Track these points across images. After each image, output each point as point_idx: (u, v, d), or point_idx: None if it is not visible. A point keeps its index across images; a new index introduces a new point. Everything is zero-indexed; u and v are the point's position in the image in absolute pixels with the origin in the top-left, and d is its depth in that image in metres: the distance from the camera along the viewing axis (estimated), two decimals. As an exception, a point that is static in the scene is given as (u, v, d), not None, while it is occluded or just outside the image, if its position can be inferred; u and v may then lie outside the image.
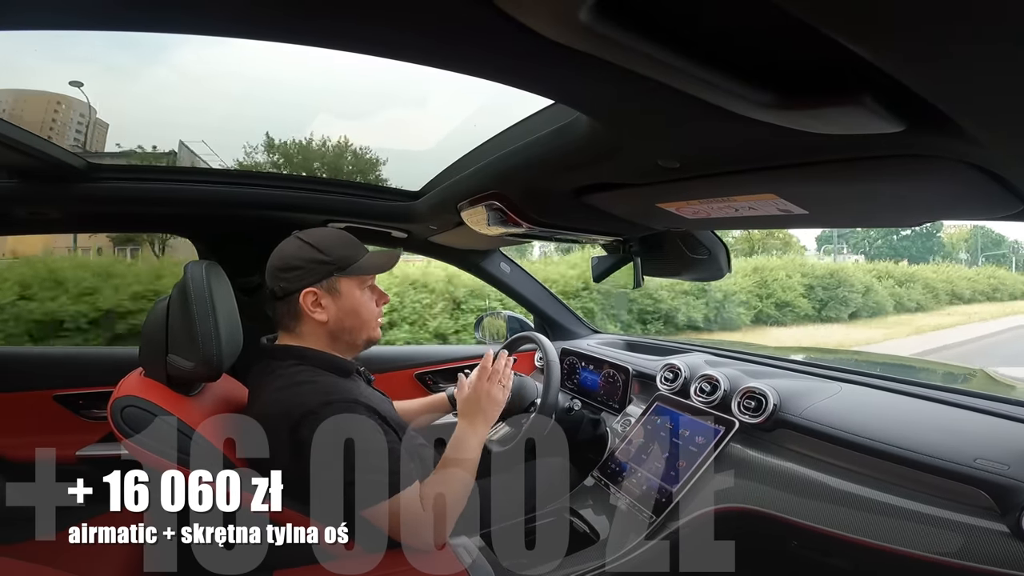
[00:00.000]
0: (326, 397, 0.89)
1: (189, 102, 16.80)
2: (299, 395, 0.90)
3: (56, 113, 12.02)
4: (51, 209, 1.34)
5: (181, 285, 0.94)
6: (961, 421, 0.97)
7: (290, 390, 0.91)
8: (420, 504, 0.91)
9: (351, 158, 11.72)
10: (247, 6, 0.45)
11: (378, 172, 11.83)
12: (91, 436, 1.45)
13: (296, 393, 0.90)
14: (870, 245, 43.48)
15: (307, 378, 0.93)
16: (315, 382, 0.92)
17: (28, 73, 11.45)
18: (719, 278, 1.41)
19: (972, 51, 0.32)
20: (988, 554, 0.73)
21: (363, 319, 1.01)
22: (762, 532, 1.00)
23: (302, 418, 0.87)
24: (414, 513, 0.91)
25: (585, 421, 1.41)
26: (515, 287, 1.93)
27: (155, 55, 22.64)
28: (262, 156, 10.64)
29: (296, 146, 11.11)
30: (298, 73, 19.55)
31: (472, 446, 1.02)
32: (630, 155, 0.77)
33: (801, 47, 0.41)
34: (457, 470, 0.99)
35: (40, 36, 5.53)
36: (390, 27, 0.48)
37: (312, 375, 0.94)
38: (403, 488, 0.89)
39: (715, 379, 1.22)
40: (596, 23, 0.36)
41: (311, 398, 0.89)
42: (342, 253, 0.99)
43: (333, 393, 0.91)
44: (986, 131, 0.47)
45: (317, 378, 0.94)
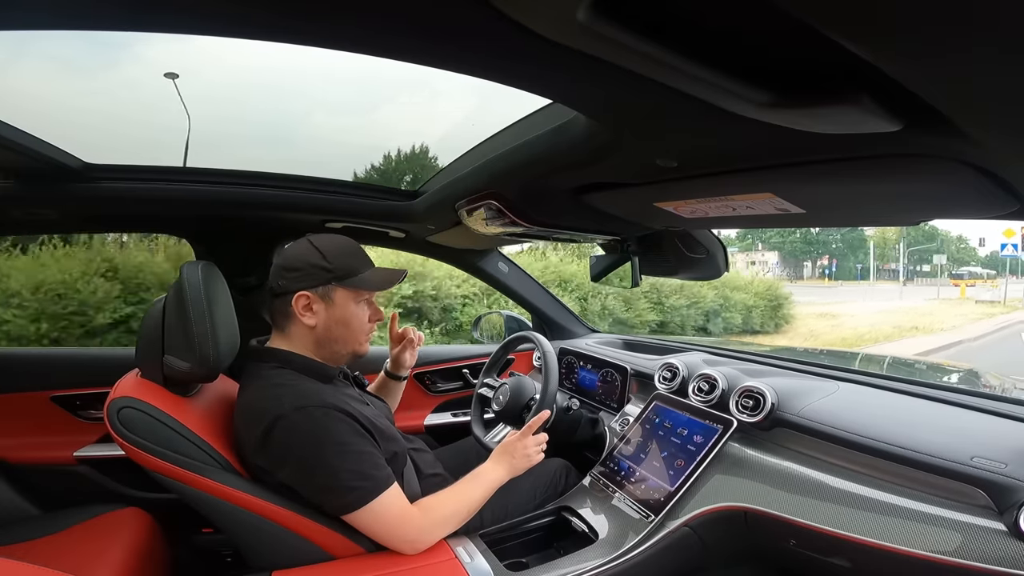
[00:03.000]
0: (299, 402, 0.89)
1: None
2: (274, 398, 0.90)
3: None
4: (47, 210, 1.33)
5: (177, 286, 0.94)
6: (959, 420, 0.98)
7: (266, 392, 0.92)
8: (401, 507, 0.92)
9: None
10: (246, 6, 0.45)
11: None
12: (89, 437, 1.45)
13: (271, 396, 0.91)
14: (783, 240, 42.48)
15: (285, 381, 0.93)
16: (292, 386, 0.92)
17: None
18: (717, 277, 1.41)
19: (970, 51, 0.32)
20: (985, 552, 0.73)
21: (351, 331, 1.01)
22: (760, 531, 1.00)
23: (275, 420, 0.87)
24: (395, 515, 0.91)
25: (584, 421, 1.41)
26: (513, 287, 1.93)
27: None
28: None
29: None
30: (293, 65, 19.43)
31: (488, 481, 1.05)
32: (628, 154, 0.77)
33: (799, 46, 0.41)
34: (467, 488, 1.02)
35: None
36: (388, 27, 0.48)
37: (291, 379, 0.94)
38: (380, 493, 0.89)
39: (713, 378, 1.22)
40: (593, 22, 0.36)
41: (285, 401, 0.89)
42: (345, 263, 0.98)
43: (307, 398, 0.90)
44: (983, 130, 0.47)
45: (295, 382, 0.93)
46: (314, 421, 0.88)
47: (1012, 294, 20.33)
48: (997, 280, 37.57)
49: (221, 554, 1.41)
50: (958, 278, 35.34)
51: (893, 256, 39.76)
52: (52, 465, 1.41)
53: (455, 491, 1.02)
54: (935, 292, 22.59)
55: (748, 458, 1.07)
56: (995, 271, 42.14)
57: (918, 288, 29.41)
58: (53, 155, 1.07)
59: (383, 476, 0.91)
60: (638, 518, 1.08)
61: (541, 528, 1.16)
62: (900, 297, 20.42)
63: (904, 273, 38.33)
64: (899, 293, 22.60)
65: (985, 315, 14.02)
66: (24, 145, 0.97)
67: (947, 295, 21.34)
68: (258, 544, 0.92)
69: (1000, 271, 41.36)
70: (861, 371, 1.30)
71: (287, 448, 0.87)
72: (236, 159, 15.12)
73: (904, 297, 20.47)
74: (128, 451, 0.87)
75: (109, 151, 12.25)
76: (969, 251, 52.87)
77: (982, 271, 41.49)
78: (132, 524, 1.17)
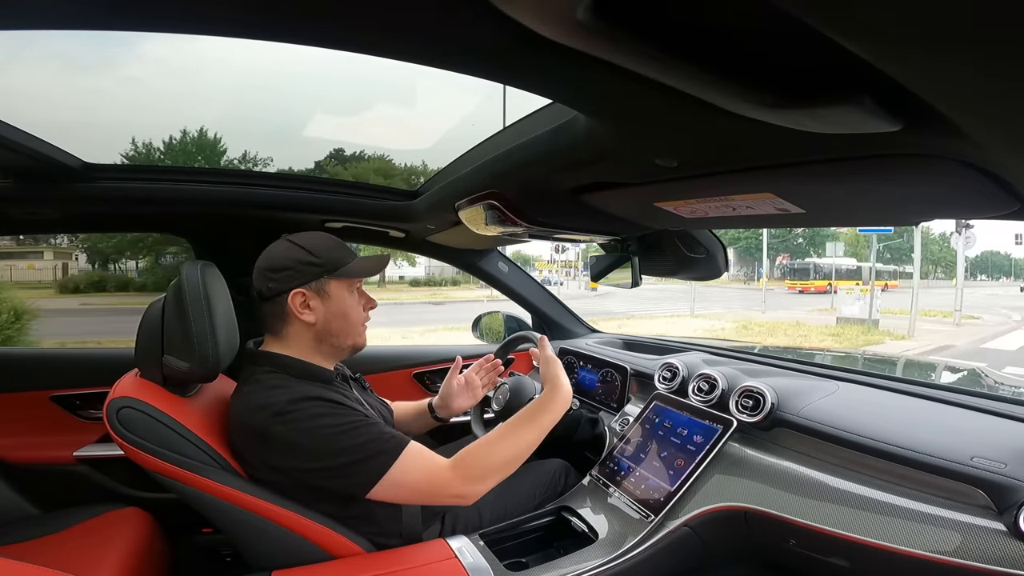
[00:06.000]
0: (295, 395, 0.89)
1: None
2: (269, 397, 0.89)
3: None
4: (47, 210, 1.33)
5: (176, 286, 0.94)
6: (958, 419, 0.98)
7: (260, 394, 0.91)
8: (432, 461, 0.91)
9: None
10: (246, 6, 0.45)
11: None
12: (88, 436, 1.45)
13: (266, 396, 0.90)
14: (738, 234, 37.01)
15: (280, 383, 0.92)
16: (287, 387, 0.92)
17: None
18: (716, 277, 1.41)
19: (971, 51, 0.32)
20: (985, 552, 0.73)
21: (350, 322, 1.01)
22: (760, 531, 1.00)
23: (272, 419, 0.87)
24: (426, 470, 0.90)
25: (583, 420, 1.41)
26: (513, 287, 1.93)
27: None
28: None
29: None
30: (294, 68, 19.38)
31: (547, 423, 0.99)
32: (628, 154, 0.76)
33: (799, 46, 0.41)
34: (525, 429, 0.97)
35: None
36: (387, 26, 0.48)
37: (286, 381, 0.93)
38: (399, 454, 0.88)
39: (713, 378, 1.22)
40: (593, 22, 0.36)
41: (279, 398, 0.89)
42: (332, 256, 0.98)
43: (301, 394, 0.90)
44: (983, 131, 0.47)
45: (290, 384, 0.93)
46: (310, 411, 0.87)
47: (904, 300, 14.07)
48: (897, 280, 28.52)
49: (221, 554, 1.41)
50: (798, 277, 24.95)
51: (866, 255, 31.66)
52: (52, 465, 1.41)
53: (516, 437, 0.96)
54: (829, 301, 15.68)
55: (748, 458, 1.07)
56: (896, 266, 33.17)
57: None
58: (53, 155, 1.07)
59: (397, 439, 0.90)
60: (638, 518, 1.08)
61: (541, 528, 1.16)
62: (763, 303, 15.81)
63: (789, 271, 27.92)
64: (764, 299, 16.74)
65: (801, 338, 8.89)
66: (24, 145, 0.97)
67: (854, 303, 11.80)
68: (258, 544, 0.92)
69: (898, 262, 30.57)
70: (861, 371, 1.30)
71: (290, 443, 0.87)
72: (236, 159, 15.08)
73: (778, 306, 16.16)
74: (128, 451, 0.87)
75: (110, 151, 12.26)
76: (951, 250, 49.94)
77: (884, 268, 29.83)
78: (132, 524, 1.17)
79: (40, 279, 17.96)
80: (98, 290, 16.52)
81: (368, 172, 9.77)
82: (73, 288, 16.79)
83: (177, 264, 17.28)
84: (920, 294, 11.57)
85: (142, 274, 18.55)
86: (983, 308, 16.65)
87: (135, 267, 19.95)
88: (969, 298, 14.45)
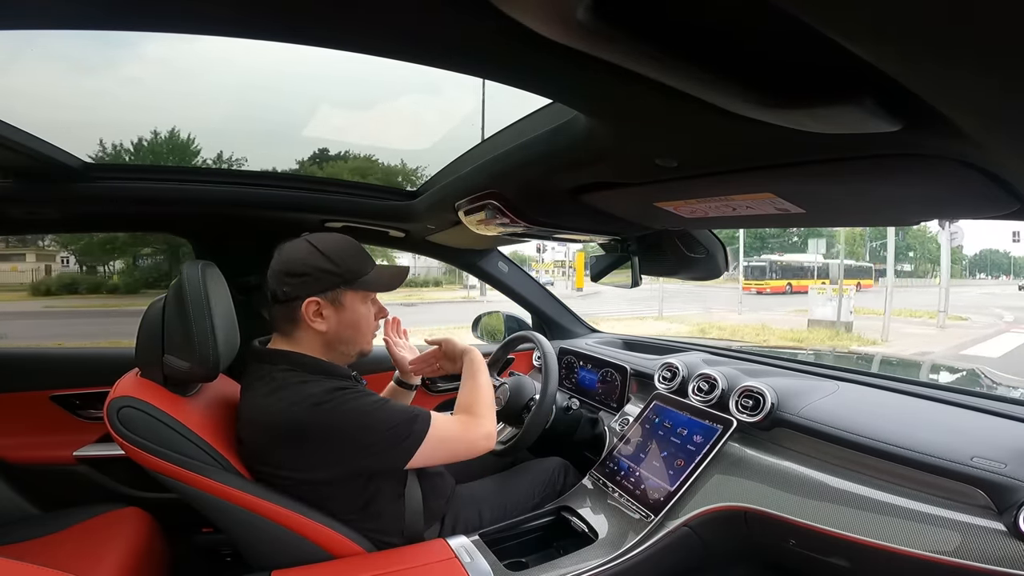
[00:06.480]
0: (330, 386, 0.91)
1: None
2: (303, 390, 0.90)
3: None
4: (47, 209, 1.33)
5: (177, 285, 0.94)
6: (958, 420, 0.98)
7: (291, 390, 0.90)
8: (455, 419, 1.01)
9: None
10: (247, 6, 0.45)
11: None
12: (88, 436, 1.45)
13: (297, 391, 0.90)
14: (733, 232, 35.67)
15: (307, 378, 0.93)
16: (317, 381, 0.92)
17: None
18: (716, 277, 1.41)
19: (971, 51, 0.32)
20: (985, 552, 0.73)
21: (361, 332, 1.01)
22: (760, 531, 1.00)
23: (314, 407, 0.87)
24: (455, 421, 1.00)
25: (583, 420, 1.41)
26: (513, 286, 1.93)
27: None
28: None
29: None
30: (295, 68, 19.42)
31: (483, 371, 1.12)
32: (628, 154, 0.76)
33: (799, 46, 0.41)
34: (477, 383, 1.09)
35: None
36: (387, 26, 0.48)
37: (311, 377, 0.93)
38: (431, 419, 0.94)
39: (713, 378, 1.22)
40: (593, 22, 0.36)
41: (314, 389, 0.90)
42: (351, 265, 0.97)
43: (336, 384, 0.92)
44: (983, 131, 0.47)
45: (317, 379, 0.93)
46: (349, 395, 0.90)
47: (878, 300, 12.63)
48: (874, 280, 23.44)
49: (221, 554, 1.41)
50: (753, 276, 21.71)
51: (862, 253, 29.13)
52: (52, 465, 1.41)
53: (473, 388, 1.08)
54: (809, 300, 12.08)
55: (748, 458, 1.07)
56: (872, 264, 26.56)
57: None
58: (53, 155, 1.07)
59: (421, 410, 0.95)
60: (638, 518, 1.08)
61: (541, 528, 1.16)
62: (740, 304, 14.72)
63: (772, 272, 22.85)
64: (740, 300, 15.49)
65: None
66: (24, 145, 0.97)
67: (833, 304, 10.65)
68: (258, 544, 0.92)
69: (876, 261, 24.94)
70: (861, 371, 1.29)
71: (334, 429, 0.88)
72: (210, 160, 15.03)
73: (759, 307, 15.09)
74: (128, 451, 0.87)
75: (109, 150, 12.26)
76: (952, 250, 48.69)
77: (859, 265, 24.87)
78: (132, 524, 1.17)
79: (23, 281, 17.82)
80: (70, 292, 16.24)
81: (343, 171, 9.81)
82: (45, 291, 16.50)
83: (152, 265, 17.26)
84: (911, 293, 10.60)
85: (118, 275, 18.29)
86: (976, 308, 16.11)
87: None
88: (964, 297, 13.37)
